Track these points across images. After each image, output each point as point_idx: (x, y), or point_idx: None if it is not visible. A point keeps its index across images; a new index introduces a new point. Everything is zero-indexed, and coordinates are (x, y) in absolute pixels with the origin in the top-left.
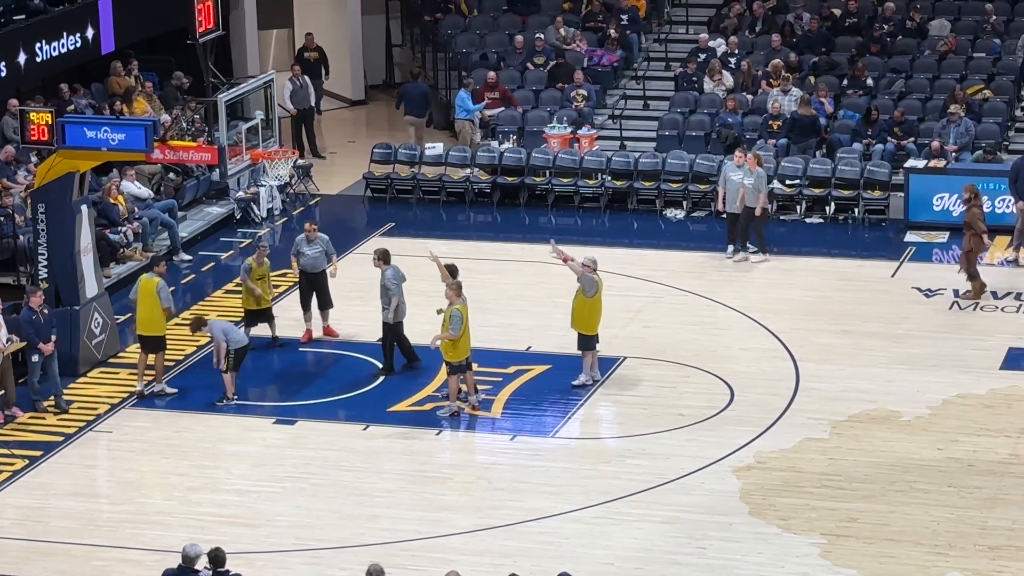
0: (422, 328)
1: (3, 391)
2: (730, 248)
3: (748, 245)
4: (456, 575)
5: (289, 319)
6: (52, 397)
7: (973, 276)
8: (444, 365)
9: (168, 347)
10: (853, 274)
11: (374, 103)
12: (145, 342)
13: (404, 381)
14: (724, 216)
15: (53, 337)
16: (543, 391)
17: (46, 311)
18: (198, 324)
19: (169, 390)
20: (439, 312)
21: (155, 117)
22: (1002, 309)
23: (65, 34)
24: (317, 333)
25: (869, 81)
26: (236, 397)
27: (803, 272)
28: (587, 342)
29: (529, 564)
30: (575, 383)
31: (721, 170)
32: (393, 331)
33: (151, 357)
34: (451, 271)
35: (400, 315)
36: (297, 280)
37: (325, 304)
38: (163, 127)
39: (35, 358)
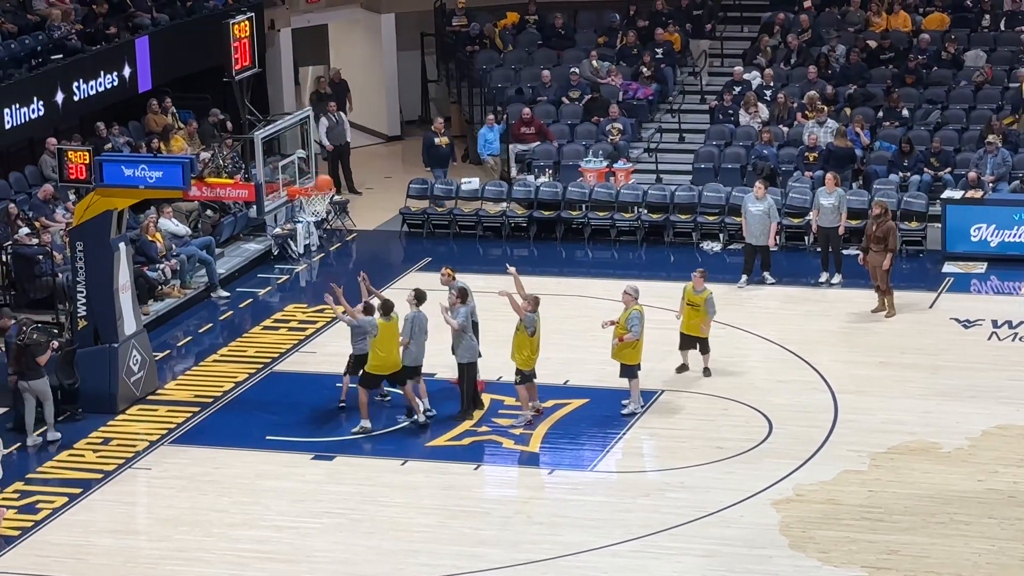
0: (443, 361)
1: None
2: (743, 278)
3: (766, 275)
4: None
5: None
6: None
7: (887, 291)
8: (515, 374)
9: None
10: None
11: (410, 139)
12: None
13: (443, 416)
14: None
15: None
16: (581, 425)
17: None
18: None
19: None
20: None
21: (192, 155)
22: None
23: (102, 73)
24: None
25: (905, 112)
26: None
27: (841, 304)
28: (629, 370)
29: None
30: (624, 412)
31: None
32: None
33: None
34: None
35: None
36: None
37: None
38: (200, 164)
39: None
